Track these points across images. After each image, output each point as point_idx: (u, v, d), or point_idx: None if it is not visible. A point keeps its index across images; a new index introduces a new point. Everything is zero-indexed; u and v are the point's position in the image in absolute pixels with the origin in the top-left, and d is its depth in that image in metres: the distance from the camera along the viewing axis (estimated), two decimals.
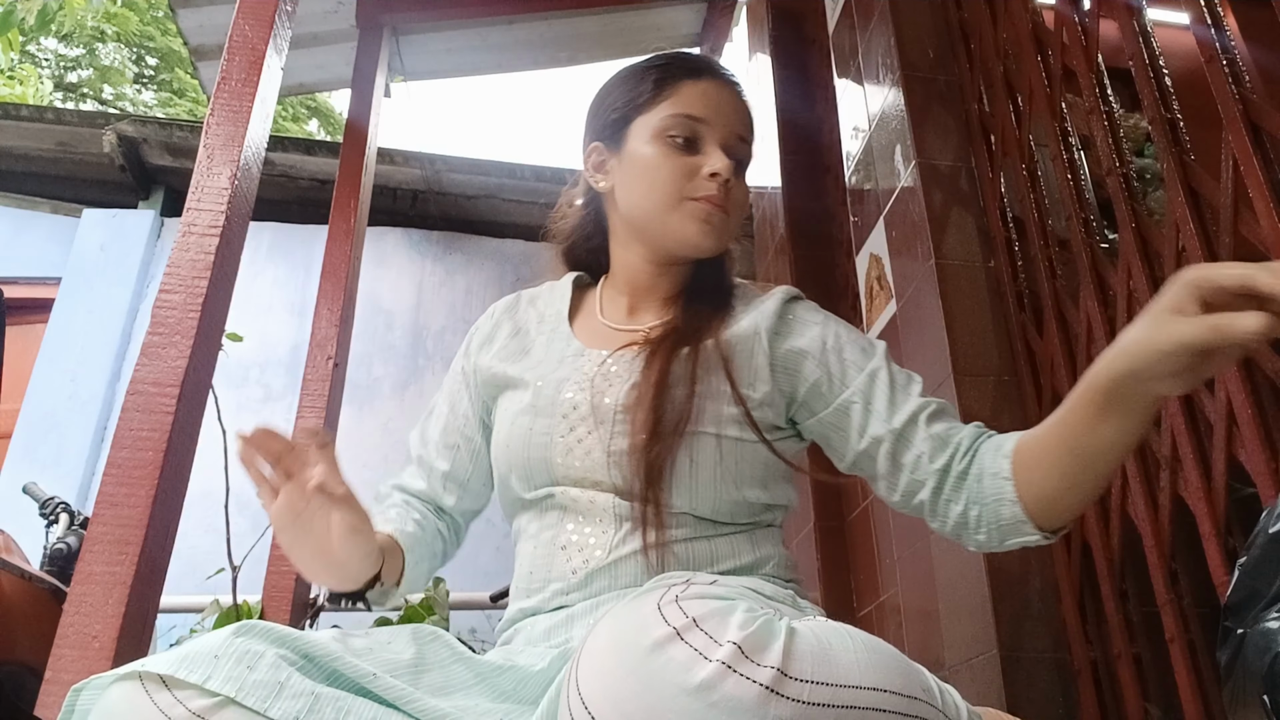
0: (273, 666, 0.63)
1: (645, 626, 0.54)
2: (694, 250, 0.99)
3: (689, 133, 0.99)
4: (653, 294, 1.04)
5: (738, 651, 0.51)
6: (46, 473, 3.25)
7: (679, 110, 0.99)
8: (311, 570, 0.85)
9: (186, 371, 1.10)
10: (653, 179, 0.98)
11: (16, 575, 1.54)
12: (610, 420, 0.91)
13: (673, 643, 0.52)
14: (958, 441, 0.90)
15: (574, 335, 1.03)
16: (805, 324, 1.00)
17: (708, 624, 0.53)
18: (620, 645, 0.54)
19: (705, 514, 0.90)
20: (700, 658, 0.52)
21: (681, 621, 0.53)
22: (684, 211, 0.97)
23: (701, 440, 0.89)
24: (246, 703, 0.60)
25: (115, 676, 0.63)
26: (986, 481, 0.85)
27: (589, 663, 0.55)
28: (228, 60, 1.29)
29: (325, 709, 0.63)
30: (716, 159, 0.98)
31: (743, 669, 0.51)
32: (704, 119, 0.99)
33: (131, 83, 10.35)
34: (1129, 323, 1.54)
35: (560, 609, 0.88)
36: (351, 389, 3.53)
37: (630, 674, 0.52)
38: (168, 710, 0.60)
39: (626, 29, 3.12)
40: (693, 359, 0.93)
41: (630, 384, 0.92)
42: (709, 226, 0.98)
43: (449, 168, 4.20)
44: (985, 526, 0.86)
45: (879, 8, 2.09)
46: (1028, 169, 1.79)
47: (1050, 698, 1.48)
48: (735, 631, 0.53)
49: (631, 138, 1.01)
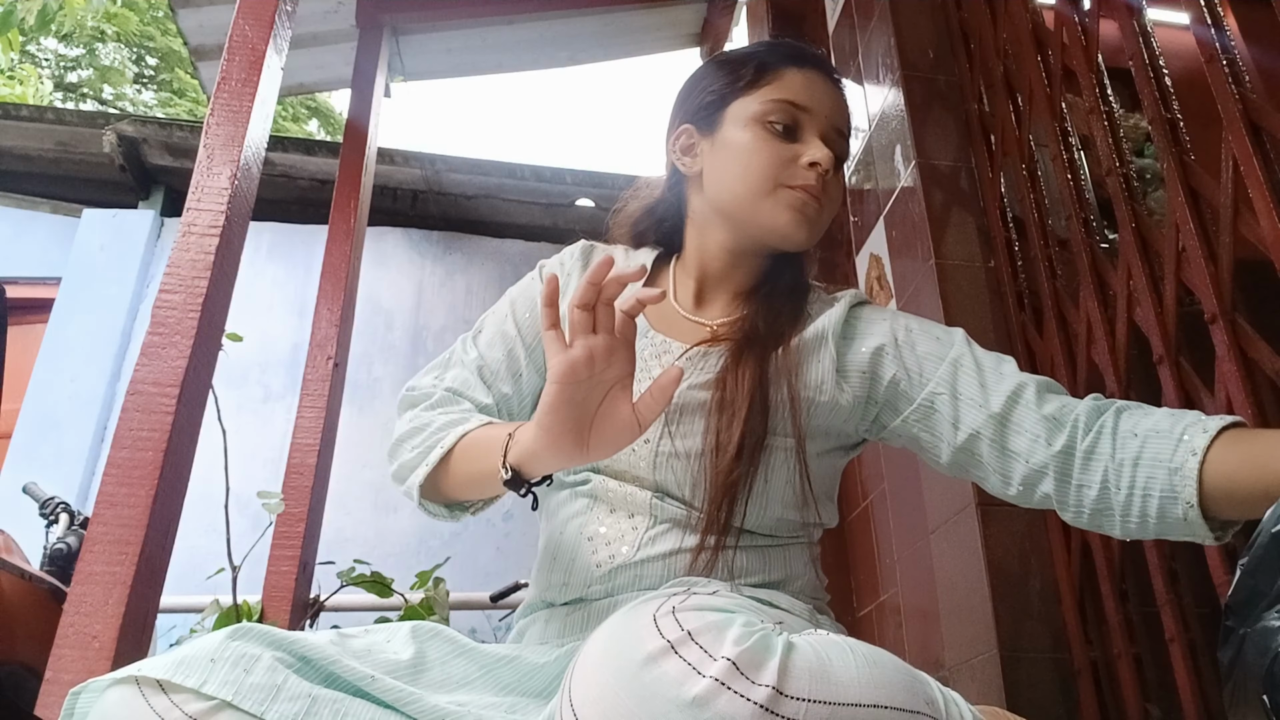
0: (269, 669, 0.63)
1: (639, 639, 0.53)
2: (783, 240, 0.96)
3: (790, 120, 0.95)
4: (724, 284, 1.00)
5: (732, 668, 0.50)
6: (46, 473, 3.25)
7: (781, 96, 0.96)
8: (548, 442, 0.76)
9: (186, 371, 1.09)
10: (748, 163, 0.95)
11: (16, 575, 1.54)
12: (665, 420, 0.88)
13: (666, 657, 0.51)
14: (1075, 416, 0.83)
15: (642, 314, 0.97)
16: (873, 323, 0.97)
17: (703, 638, 0.52)
18: (613, 657, 0.53)
19: (754, 528, 0.88)
20: (694, 673, 0.50)
21: (676, 634, 0.52)
22: (778, 199, 0.94)
23: (775, 456, 0.88)
24: (243, 705, 0.60)
25: (112, 680, 0.63)
26: (1147, 471, 0.76)
27: (582, 674, 0.54)
28: (228, 60, 1.29)
29: (323, 711, 0.63)
30: (817, 149, 0.94)
31: (737, 686, 0.49)
32: (806, 107, 0.96)
33: (131, 83, 10.35)
34: (1129, 322, 1.53)
35: (579, 601, 0.87)
36: (351, 389, 3.53)
37: (623, 688, 0.51)
38: (164, 714, 0.60)
39: (626, 29, 3.12)
40: (777, 368, 0.90)
41: (699, 386, 0.89)
42: (802, 217, 0.94)
43: (449, 168, 4.20)
44: (1139, 520, 0.77)
45: (879, 8, 2.09)
46: (1028, 169, 1.79)
47: (1050, 698, 1.48)
48: (730, 646, 0.51)
49: (727, 121, 0.98)
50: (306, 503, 1.93)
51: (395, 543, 3.66)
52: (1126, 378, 1.49)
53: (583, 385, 0.73)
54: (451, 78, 3.12)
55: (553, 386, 0.73)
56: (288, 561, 1.88)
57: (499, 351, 1.01)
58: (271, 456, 2.26)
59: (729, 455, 0.84)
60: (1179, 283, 1.39)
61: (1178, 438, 0.77)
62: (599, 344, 0.73)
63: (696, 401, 0.88)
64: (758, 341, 0.92)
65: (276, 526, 1.90)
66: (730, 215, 0.97)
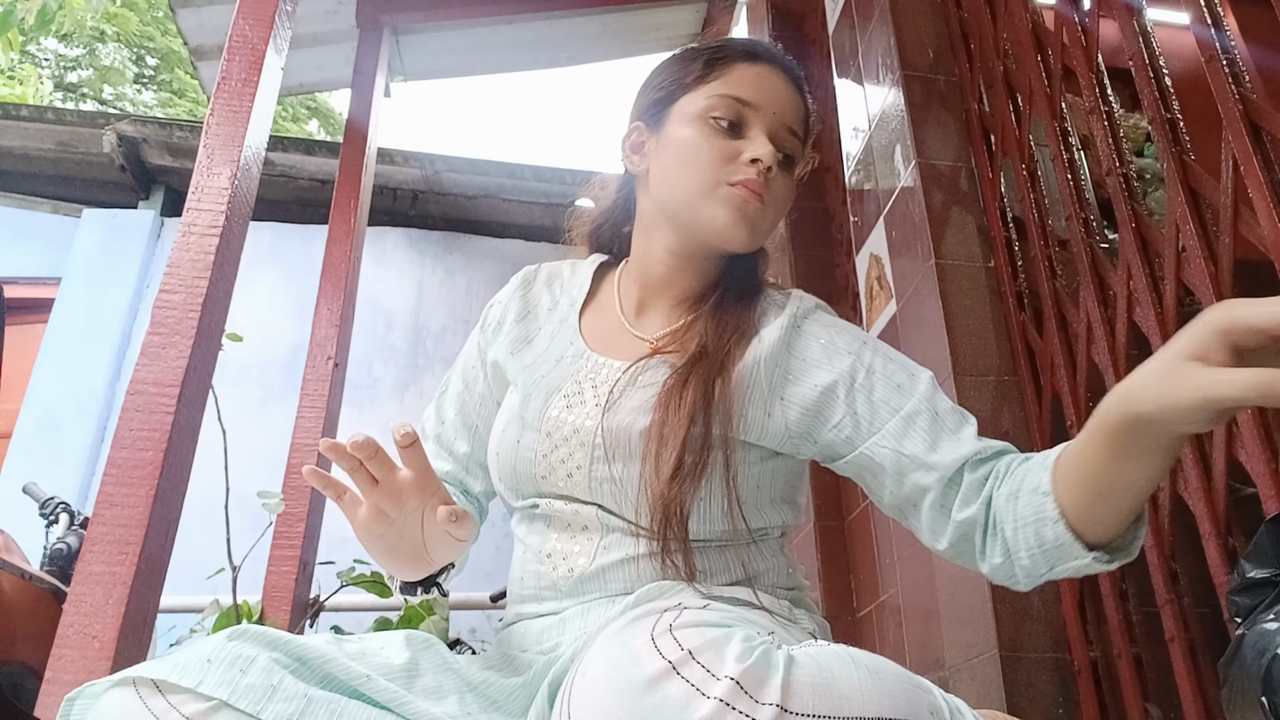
0: (265, 670, 0.63)
1: (639, 660, 0.52)
2: (723, 240, 0.91)
3: (734, 115, 0.92)
4: (667, 291, 0.97)
5: (736, 687, 0.49)
6: (46, 473, 3.25)
7: (727, 91, 0.92)
8: (399, 569, 0.82)
9: (186, 371, 1.09)
10: (689, 160, 0.91)
11: (16, 575, 1.54)
12: (593, 443, 0.85)
13: (669, 678, 0.50)
14: (996, 470, 0.80)
15: (579, 332, 0.97)
16: (832, 353, 0.90)
17: (704, 656, 0.51)
18: (614, 680, 0.52)
19: (706, 537, 0.86)
20: (698, 694, 0.49)
21: (677, 655, 0.51)
22: (718, 197, 0.90)
23: (715, 473, 0.84)
24: (239, 705, 0.60)
25: (110, 683, 0.63)
26: (1024, 499, 0.75)
27: (581, 697, 0.53)
28: (228, 60, 1.29)
29: (318, 711, 0.63)
30: (760, 145, 0.90)
31: (742, 706, 0.49)
32: (752, 103, 0.92)
33: (131, 83, 10.35)
34: (1129, 323, 1.53)
35: (551, 615, 0.87)
36: (351, 389, 3.53)
37: (625, 712, 0.50)
38: (162, 716, 0.60)
39: (626, 29, 3.12)
40: (719, 391, 0.85)
41: (635, 409, 0.86)
42: (741, 215, 0.90)
43: (449, 168, 4.20)
44: (1028, 551, 0.74)
45: (879, 8, 2.09)
46: (1028, 169, 1.79)
47: (1050, 698, 1.48)
48: (733, 665, 0.50)
49: (673, 117, 0.95)
50: (306, 503, 1.93)
51: None
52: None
53: (391, 529, 0.76)
54: (451, 78, 3.12)
55: (364, 539, 0.77)
56: (288, 561, 1.88)
57: (453, 410, 1.02)
58: (271, 456, 2.26)
59: (665, 479, 0.81)
60: (1179, 283, 1.39)
61: (1040, 463, 0.76)
62: (382, 497, 0.74)
63: (633, 426, 0.85)
64: (703, 362, 0.87)
65: (276, 526, 1.90)
66: (673, 215, 0.94)
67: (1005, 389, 1.70)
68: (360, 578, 2.03)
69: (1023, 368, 1.71)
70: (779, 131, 0.93)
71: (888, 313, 1.94)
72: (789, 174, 0.95)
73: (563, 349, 0.95)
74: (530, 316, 1.01)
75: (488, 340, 1.02)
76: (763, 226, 0.92)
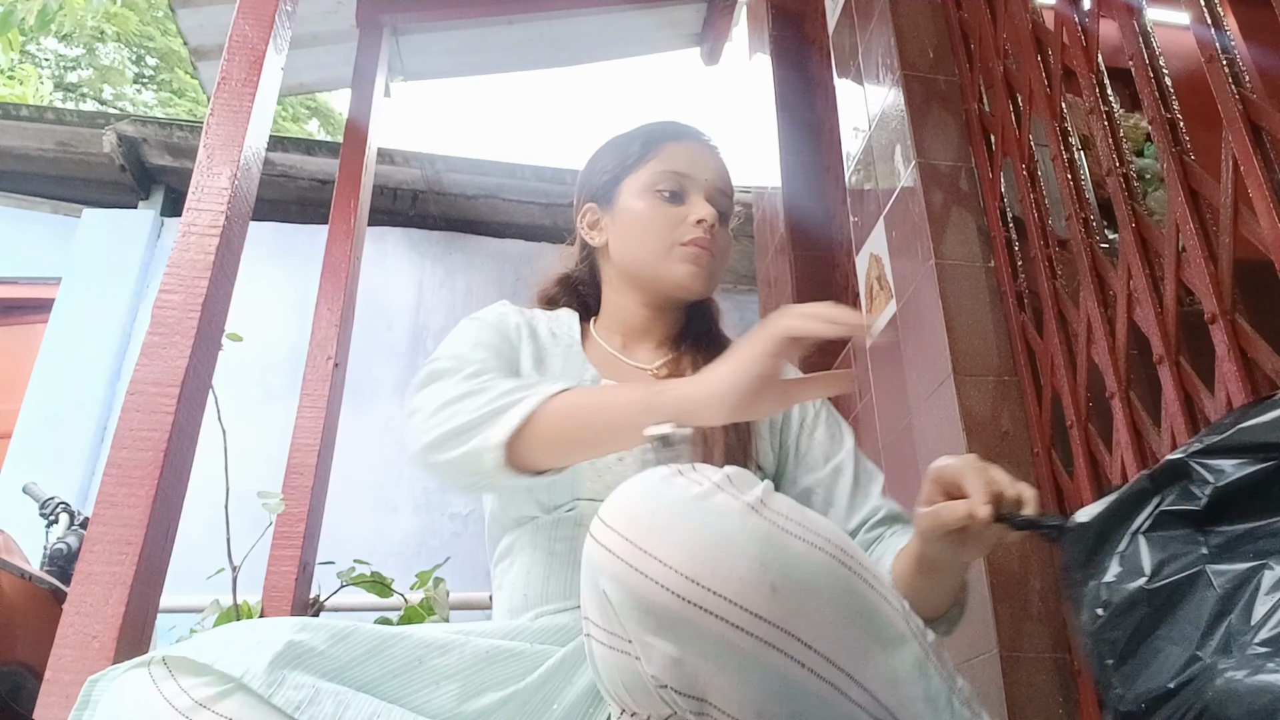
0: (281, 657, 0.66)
1: (654, 472, 0.66)
2: (685, 291, 1.07)
3: (675, 186, 1.08)
4: (647, 336, 1.12)
5: (726, 480, 0.64)
6: (46, 473, 3.25)
7: (665, 167, 1.09)
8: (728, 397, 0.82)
9: (186, 371, 1.09)
10: (645, 228, 1.07)
11: (16, 575, 1.54)
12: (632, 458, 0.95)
13: (675, 476, 0.65)
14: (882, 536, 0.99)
15: (589, 362, 1.06)
16: None
17: (700, 470, 0.66)
18: (632, 486, 0.66)
19: None
20: (695, 484, 0.64)
21: (681, 469, 0.66)
22: (675, 256, 1.06)
23: None
24: (252, 685, 0.63)
25: (129, 666, 0.66)
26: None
27: (609, 501, 0.66)
28: (228, 60, 1.29)
29: (325, 702, 0.65)
30: (702, 207, 1.07)
31: (730, 491, 0.63)
32: (687, 174, 1.09)
33: (131, 83, 10.35)
34: (1129, 323, 1.53)
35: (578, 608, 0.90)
36: (351, 389, 3.52)
37: (642, 496, 0.64)
38: (173, 699, 0.62)
39: (626, 29, 3.12)
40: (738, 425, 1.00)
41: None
42: (697, 267, 1.06)
43: (449, 168, 4.19)
44: None
45: (879, 8, 2.09)
46: (1028, 169, 1.79)
47: (1050, 698, 1.48)
48: (722, 475, 0.65)
49: (622, 195, 1.11)
50: (306, 503, 1.93)
51: (395, 543, 3.66)
52: (1126, 378, 1.49)
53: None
54: (451, 78, 3.12)
55: (766, 357, 0.80)
56: (288, 561, 1.88)
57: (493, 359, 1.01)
58: (271, 456, 2.26)
59: None
60: (1179, 283, 1.39)
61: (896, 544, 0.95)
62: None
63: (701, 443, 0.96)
64: None
65: (276, 526, 1.90)
66: (637, 276, 1.10)
67: (1005, 389, 1.70)
68: (360, 578, 2.03)
69: (1023, 368, 1.71)
70: (712, 194, 1.10)
71: (888, 313, 1.94)
72: (725, 227, 1.12)
73: (579, 373, 1.04)
74: (536, 338, 1.08)
75: (514, 338, 1.05)
76: (715, 273, 1.10)
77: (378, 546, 3.51)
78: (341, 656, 0.70)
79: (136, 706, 0.63)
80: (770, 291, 2.80)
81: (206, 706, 0.62)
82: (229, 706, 0.62)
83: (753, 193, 3.05)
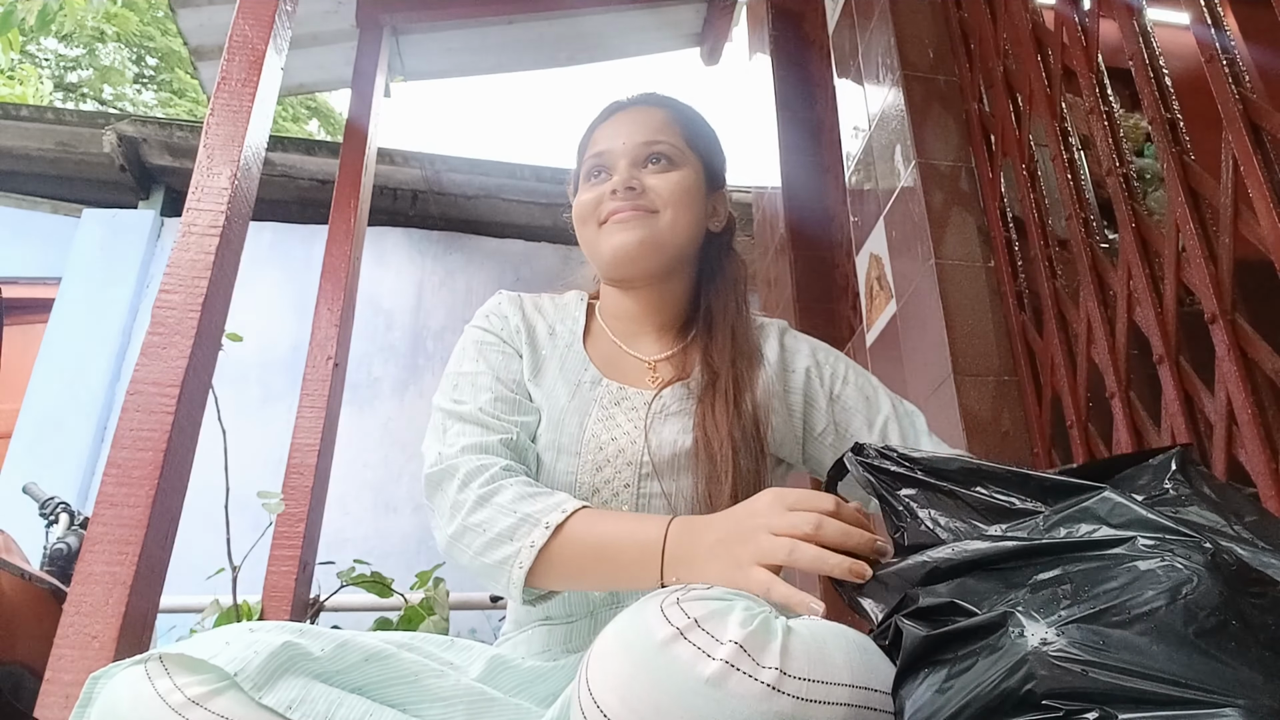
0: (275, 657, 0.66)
1: (650, 628, 0.56)
2: (624, 256, 1.01)
3: (598, 167, 1.06)
4: (645, 322, 1.07)
5: (739, 650, 0.54)
6: (46, 473, 3.25)
7: (591, 152, 1.08)
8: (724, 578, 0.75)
9: (186, 371, 1.09)
10: (580, 220, 1.06)
11: (16, 575, 1.54)
12: (640, 462, 0.92)
13: (677, 641, 0.55)
14: None
15: (589, 360, 1.03)
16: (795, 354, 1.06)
17: (708, 624, 0.56)
18: (627, 646, 0.56)
19: None
20: (704, 655, 0.54)
21: (684, 622, 0.56)
22: (603, 235, 1.02)
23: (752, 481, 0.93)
24: (244, 685, 0.63)
25: (129, 663, 0.66)
26: None
27: (598, 665, 0.57)
28: (228, 60, 1.29)
29: (317, 701, 0.65)
30: (615, 180, 1.03)
31: (745, 667, 0.54)
32: (608, 150, 1.06)
33: (131, 83, 10.34)
34: (1129, 322, 1.53)
35: (586, 616, 0.91)
36: (351, 389, 3.53)
37: (639, 671, 0.55)
38: (166, 696, 0.63)
39: (626, 29, 3.12)
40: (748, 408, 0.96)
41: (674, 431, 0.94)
42: (625, 234, 1.00)
43: (449, 168, 4.19)
44: None
45: (879, 8, 2.09)
46: (1028, 169, 1.79)
47: None
48: (736, 630, 0.55)
49: (575, 194, 1.11)
50: (306, 503, 1.93)
51: (395, 543, 3.66)
52: (1126, 378, 1.49)
53: None
54: (451, 78, 3.12)
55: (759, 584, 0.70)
56: (288, 561, 1.88)
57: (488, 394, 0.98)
58: (271, 456, 2.26)
59: (726, 494, 0.88)
60: (1179, 283, 1.39)
61: None
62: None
63: (678, 444, 0.93)
64: (719, 384, 0.97)
65: (276, 526, 1.90)
66: (595, 266, 1.08)
67: (1005, 389, 1.70)
68: (360, 578, 2.03)
69: (1023, 368, 1.71)
70: (639, 153, 1.04)
71: (888, 313, 1.94)
72: (670, 169, 1.04)
73: (577, 375, 1.01)
74: (534, 343, 1.06)
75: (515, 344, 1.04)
76: (649, 226, 1.01)
77: (378, 546, 3.51)
78: (337, 661, 0.70)
79: (131, 702, 0.63)
80: (770, 291, 2.80)
81: (199, 704, 0.62)
82: (221, 704, 0.63)
83: (753, 193, 3.05)
